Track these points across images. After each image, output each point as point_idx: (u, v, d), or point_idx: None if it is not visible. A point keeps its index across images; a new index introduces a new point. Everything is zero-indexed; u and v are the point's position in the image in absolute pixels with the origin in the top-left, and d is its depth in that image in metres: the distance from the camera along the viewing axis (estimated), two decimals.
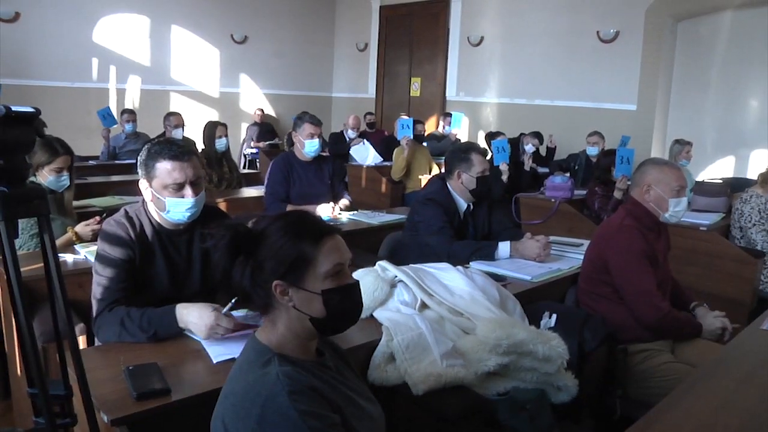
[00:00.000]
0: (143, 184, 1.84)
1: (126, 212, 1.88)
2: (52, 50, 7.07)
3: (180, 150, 1.80)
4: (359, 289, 1.25)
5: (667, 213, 2.30)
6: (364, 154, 6.12)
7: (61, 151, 2.69)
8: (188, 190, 1.80)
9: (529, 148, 5.69)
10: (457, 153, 2.88)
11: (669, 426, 1.37)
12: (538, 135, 6.08)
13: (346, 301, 1.21)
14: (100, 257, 1.80)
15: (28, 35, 6.87)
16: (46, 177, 2.67)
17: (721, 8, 6.16)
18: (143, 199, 1.88)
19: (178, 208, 1.81)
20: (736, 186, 4.55)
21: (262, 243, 1.18)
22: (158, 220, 1.88)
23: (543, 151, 6.42)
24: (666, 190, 2.28)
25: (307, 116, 3.64)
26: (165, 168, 1.78)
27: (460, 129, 7.15)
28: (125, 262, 1.79)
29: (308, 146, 3.59)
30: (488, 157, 3.19)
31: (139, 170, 1.84)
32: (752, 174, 5.50)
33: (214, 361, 1.54)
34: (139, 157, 1.84)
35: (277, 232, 1.18)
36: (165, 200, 1.79)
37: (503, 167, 4.82)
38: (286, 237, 1.17)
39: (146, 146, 1.84)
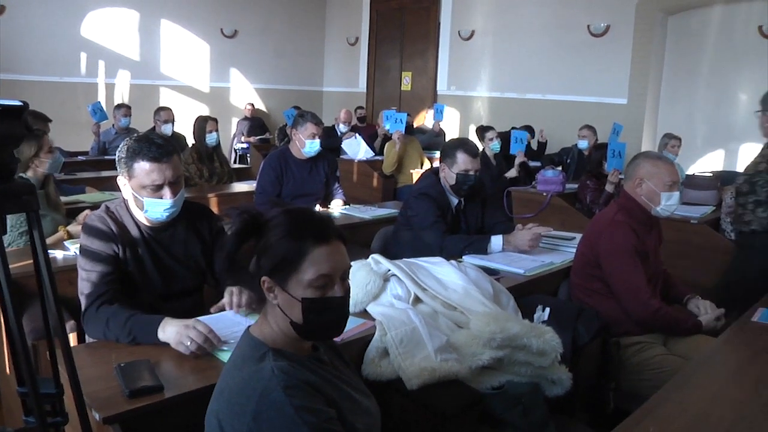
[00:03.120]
0: (121, 181, 1.81)
1: (107, 207, 1.86)
2: (39, 44, 6.97)
3: (159, 150, 1.75)
4: (345, 303, 1.18)
5: (658, 207, 2.29)
6: (356, 149, 6.09)
7: (41, 133, 2.72)
8: (167, 191, 1.77)
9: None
10: (446, 148, 2.88)
11: (663, 418, 1.37)
12: (529, 129, 6.07)
13: (325, 315, 1.15)
14: (83, 252, 1.77)
15: (14, 29, 6.77)
16: (44, 164, 2.67)
17: (712, 2, 6.17)
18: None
19: (156, 208, 1.78)
20: (726, 179, 4.57)
21: (264, 233, 1.16)
22: (138, 217, 1.85)
23: (534, 145, 6.43)
24: (658, 184, 2.27)
25: (309, 115, 3.61)
26: (143, 169, 1.75)
27: (442, 120, 7.05)
28: (109, 256, 1.77)
29: (309, 146, 3.58)
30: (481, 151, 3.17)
31: (118, 167, 1.81)
32: (741, 167, 5.52)
33: None
34: (117, 153, 1.80)
35: (278, 225, 1.15)
36: (143, 200, 1.77)
37: (520, 157, 5.22)
38: (282, 233, 1.14)
39: (125, 143, 1.79)
